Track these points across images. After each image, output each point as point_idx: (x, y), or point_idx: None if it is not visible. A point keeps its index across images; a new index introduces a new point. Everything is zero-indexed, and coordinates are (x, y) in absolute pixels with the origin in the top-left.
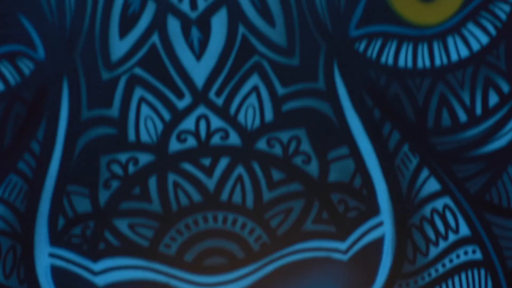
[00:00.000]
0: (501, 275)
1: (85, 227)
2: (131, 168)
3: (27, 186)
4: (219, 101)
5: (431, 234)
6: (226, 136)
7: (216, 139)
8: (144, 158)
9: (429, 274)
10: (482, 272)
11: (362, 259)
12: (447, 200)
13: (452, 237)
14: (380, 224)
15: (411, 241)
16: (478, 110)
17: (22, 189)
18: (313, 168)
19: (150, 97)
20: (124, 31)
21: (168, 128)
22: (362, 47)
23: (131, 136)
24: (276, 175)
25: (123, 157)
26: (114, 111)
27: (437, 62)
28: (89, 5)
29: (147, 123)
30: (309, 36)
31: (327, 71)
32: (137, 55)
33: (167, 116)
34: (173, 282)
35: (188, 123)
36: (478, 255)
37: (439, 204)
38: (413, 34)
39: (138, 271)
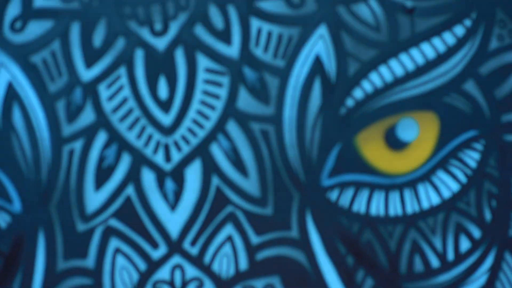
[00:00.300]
0: None
1: None
2: None
3: None
4: (194, 251)
5: None
6: (201, 285)
7: None
8: None
9: None
10: None
11: None
12: None
13: None
14: None
15: None
16: (450, 255)
17: None
18: None
19: (125, 248)
20: (99, 184)
21: (143, 278)
22: (334, 196)
23: (107, 286)
24: None
25: None
26: (90, 262)
27: (409, 209)
28: (65, 159)
29: (122, 274)
30: (282, 186)
31: (300, 220)
32: (112, 207)
33: (142, 266)
34: None
35: (163, 273)
36: None
37: None
38: (384, 182)
39: None
